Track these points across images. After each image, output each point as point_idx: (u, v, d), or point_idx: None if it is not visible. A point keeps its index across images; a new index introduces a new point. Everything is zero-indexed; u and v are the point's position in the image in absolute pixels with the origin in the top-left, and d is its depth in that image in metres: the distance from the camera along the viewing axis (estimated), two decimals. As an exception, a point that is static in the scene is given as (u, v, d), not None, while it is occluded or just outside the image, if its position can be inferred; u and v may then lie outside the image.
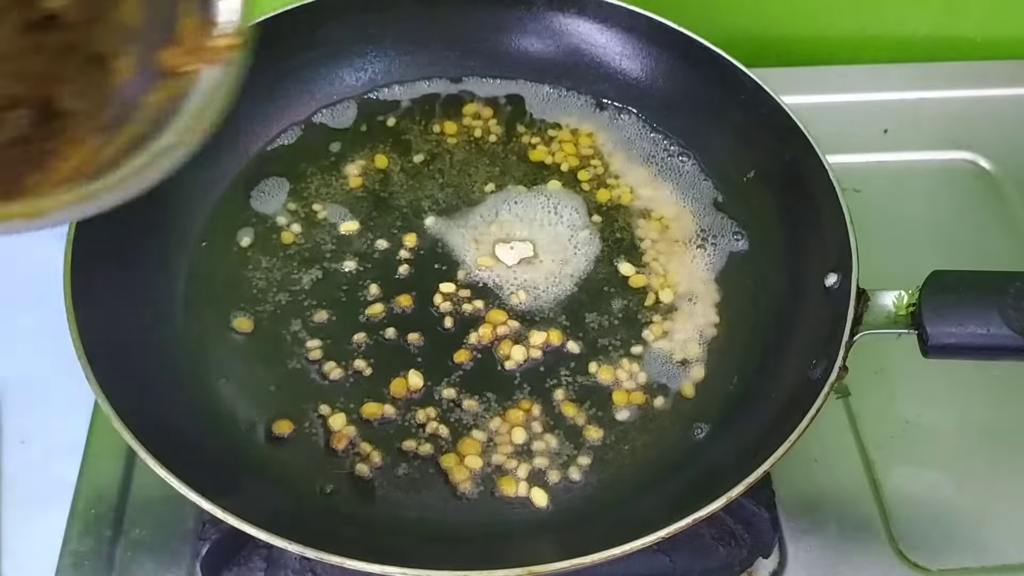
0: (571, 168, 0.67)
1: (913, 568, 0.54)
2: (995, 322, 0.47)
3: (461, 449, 0.52)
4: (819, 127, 0.60)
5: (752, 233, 0.62)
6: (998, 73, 0.82)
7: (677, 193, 0.65)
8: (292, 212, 0.62)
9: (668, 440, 0.54)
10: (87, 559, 0.52)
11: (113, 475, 0.55)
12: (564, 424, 0.54)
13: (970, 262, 0.50)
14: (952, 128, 0.77)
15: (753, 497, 0.51)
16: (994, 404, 0.61)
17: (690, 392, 0.56)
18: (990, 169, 0.75)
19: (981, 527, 0.56)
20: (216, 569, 0.51)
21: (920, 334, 0.49)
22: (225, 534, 0.49)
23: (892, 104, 0.79)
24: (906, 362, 0.59)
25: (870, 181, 0.72)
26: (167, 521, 0.53)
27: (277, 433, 0.52)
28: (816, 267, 0.55)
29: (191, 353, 0.55)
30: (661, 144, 0.68)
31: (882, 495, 0.57)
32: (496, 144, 0.68)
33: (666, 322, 0.58)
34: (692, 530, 0.44)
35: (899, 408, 0.61)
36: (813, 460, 0.58)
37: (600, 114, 0.69)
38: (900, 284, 0.50)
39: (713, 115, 0.65)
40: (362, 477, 0.51)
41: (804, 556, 0.54)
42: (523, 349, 0.56)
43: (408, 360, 0.56)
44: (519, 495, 0.51)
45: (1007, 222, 0.72)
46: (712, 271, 0.61)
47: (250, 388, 0.54)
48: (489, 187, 0.65)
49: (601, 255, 0.62)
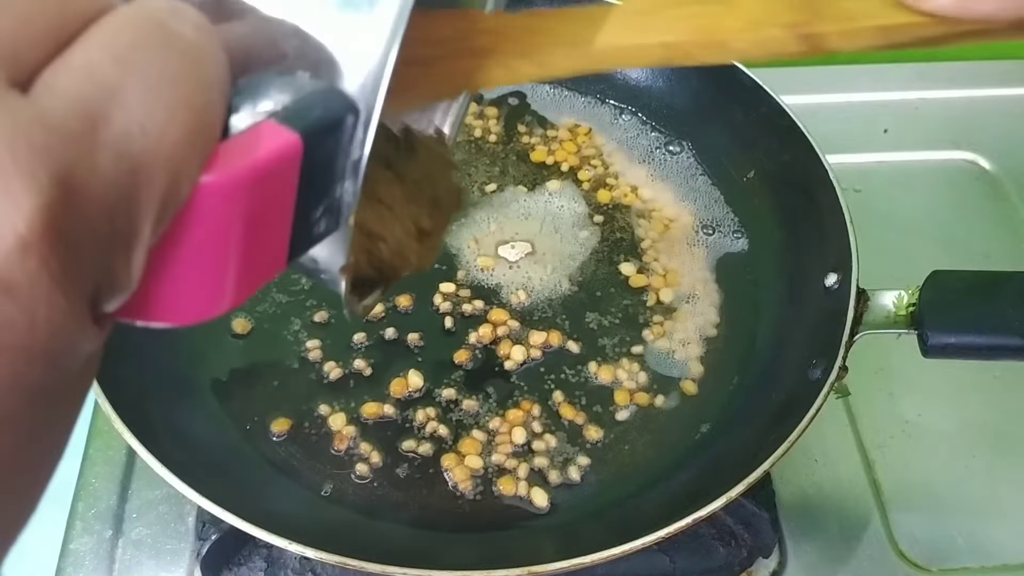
0: (571, 168, 0.67)
1: (913, 568, 0.54)
2: (995, 322, 0.47)
3: (461, 449, 0.52)
4: (819, 127, 0.60)
5: (752, 233, 0.63)
6: (998, 73, 0.82)
7: (677, 193, 0.65)
8: (292, 212, 0.62)
9: (668, 440, 0.54)
10: (87, 559, 0.52)
11: (113, 475, 0.55)
12: (564, 424, 0.54)
13: (970, 262, 0.50)
14: (952, 128, 0.77)
15: (753, 497, 0.50)
16: (994, 404, 0.61)
17: (690, 392, 0.56)
18: (990, 169, 0.75)
19: (981, 527, 0.56)
20: (216, 569, 0.51)
21: (920, 334, 0.48)
22: (225, 534, 0.49)
23: (892, 104, 0.79)
24: (906, 362, 0.59)
25: (870, 181, 0.72)
26: (167, 521, 0.53)
27: (277, 433, 0.53)
28: (816, 267, 0.55)
29: (191, 353, 0.55)
30: (661, 144, 0.68)
31: (882, 495, 0.57)
32: (496, 144, 0.68)
33: (666, 322, 0.58)
34: (692, 530, 0.44)
35: (899, 408, 0.61)
36: (813, 460, 0.57)
37: (600, 114, 0.69)
38: (900, 284, 0.50)
39: (713, 115, 0.65)
40: (362, 477, 0.51)
41: (804, 556, 0.54)
42: (523, 349, 0.56)
43: (408, 360, 0.56)
44: (519, 495, 0.51)
45: (1007, 222, 0.72)
46: (712, 271, 0.61)
47: (250, 388, 0.54)
48: (490, 187, 0.65)
49: (601, 255, 0.62)
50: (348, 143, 0.25)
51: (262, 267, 0.24)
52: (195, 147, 0.19)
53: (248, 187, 0.21)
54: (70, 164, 0.17)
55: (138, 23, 0.19)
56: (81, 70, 0.18)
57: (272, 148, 0.22)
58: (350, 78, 0.25)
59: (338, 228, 0.26)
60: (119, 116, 0.18)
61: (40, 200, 0.16)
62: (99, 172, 0.17)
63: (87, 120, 0.17)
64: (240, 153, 0.21)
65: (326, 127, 0.24)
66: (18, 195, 0.16)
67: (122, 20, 0.19)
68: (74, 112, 0.17)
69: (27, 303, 0.16)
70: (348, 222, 0.26)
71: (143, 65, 0.18)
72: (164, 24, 0.19)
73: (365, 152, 0.25)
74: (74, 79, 0.17)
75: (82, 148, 0.17)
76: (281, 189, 0.23)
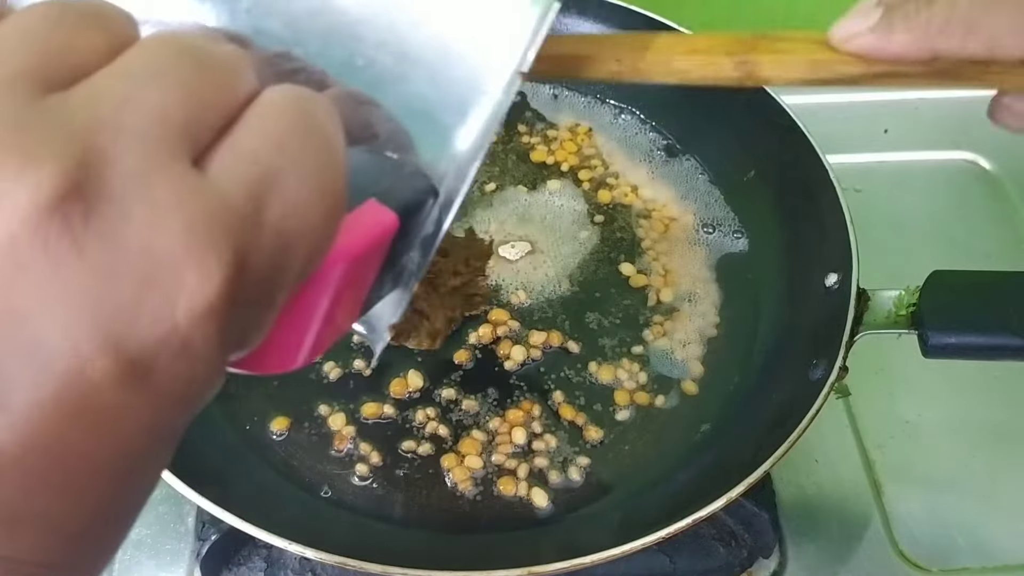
0: (571, 168, 0.67)
1: (914, 568, 0.54)
2: (995, 322, 0.47)
3: (461, 449, 0.52)
4: (819, 127, 0.60)
5: (752, 233, 0.62)
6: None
7: (677, 193, 0.65)
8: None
9: (668, 440, 0.54)
10: (87, 559, 0.52)
11: (113, 475, 0.55)
12: (564, 424, 0.54)
13: (970, 262, 0.50)
14: (952, 128, 0.77)
15: (753, 497, 0.50)
16: (994, 404, 0.61)
17: (690, 392, 0.56)
18: (990, 169, 0.75)
19: (981, 527, 0.56)
20: (216, 569, 0.51)
21: (920, 334, 0.48)
22: (225, 534, 0.49)
23: (892, 104, 0.79)
24: (906, 362, 0.59)
25: (870, 181, 0.72)
26: (166, 521, 0.53)
27: (277, 432, 0.52)
28: (816, 267, 0.55)
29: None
30: (661, 144, 0.68)
31: (882, 495, 0.57)
32: (496, 144, 0.68)
33: (666, 322, 0.58)
34: (692, 530, 0.44)
35: (899, 408, 0.60)
36: (813, 460, 0.57)
37: (600, 114, 0.69)
38: (900, 284, 0.50)
39: (713, 115, 0.65)
40: (362, 477, 0.51)
41: (804, 556, 0.54)
42: (523, 349, 0.56)
43: (408, 360, 0.56)
44: (519, 495, 0.51)
45: (1007, 222, 0.72)
46: (712, 271, 0.61)
47: (250, 389, 0.54)
48: (489, 187, 0.65)
49: (601, 255, 0.62)
50: (426, 219, 0.28)
51: (343, 324, 0.26)
52: (331, 225, 0.21)
53: (358, 259, 0.24)
54: (244, 242, 0.19)
55: (290, 110, 0.21)
56: (250, 155, 0.19)
57: (377, 225, 0.25)
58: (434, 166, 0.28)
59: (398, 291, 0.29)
60: (279, 199, 0.20)
61: (226, 273, 0.18)
62: (262, 249, 0.19)
63: (255, 201, 0.19)
64: (352, 230, 0.23)
65: (414, 207, 0.27)
66: (211, 268, 0.18)
67: (279, 107, 0.21)
68: (246, 193, 0.19)
69: (195, 362, 0.19)
70: (411, 288, 0.29)
71: (297, 153, 0.20)
72: (310, 113, 0.21)
73: (442, 230, 0.28)
74: (244, 163, 0.19)
75: (251, 227, 0.19)
76: (376, 260, 0.26)
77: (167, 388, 0.18)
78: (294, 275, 0.21)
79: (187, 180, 0.18)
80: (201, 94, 0.19)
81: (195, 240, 0.18)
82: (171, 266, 0.18)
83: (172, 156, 0.18)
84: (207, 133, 0.19)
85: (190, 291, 0.18)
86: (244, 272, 0.19)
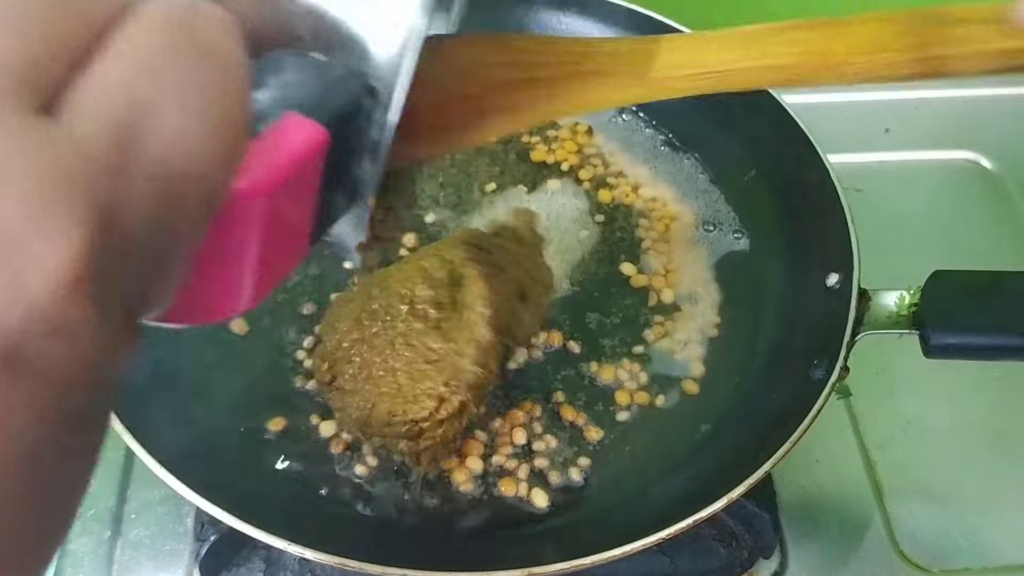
0: (572, 167, 0.66)
1: (914, 569, 0.54)
2: (997, 322, 0.47)
3: (461, 449, 0.52)
4: (820, 126, 0.59)
5: (753, 233, 0.62)
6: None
7: (678, 193, 0.65)
8: (292, 212, 0.62)
9: (669, 440, 0.53)
10: (86, 560, 0.52)
11: (111, 476, 0.55)
12: (565, 424, 0.54)
13: (971, 262, 0.50)
14: (953, 127, 0.77)
15: (754, 498, 0.50)
16: (995, 404, 0.61)
17: (691, 392, 0.55)
18: (991, 168, 0.75)
19: (982, 527, 0.56)
20: (215, 569, 0.51)
21: (921, 334, 0.48)
22: (224, 534, 0.49)
23: (893, 103, 0.78)
24: (907, 362, 0.59)
25: (871, 180, 0.72)
26: (166, 522, 0.53)
27: (275, 433, 0.52)
28: (817, 267, 0.55)
29: (189, 354, 0.55)
30: (661, 143, 0.68)
31: (883, 495, 0.57)
32: (496, 144, 0.68)
33: (667, 322, 0.58)
34: (693, 531, 0.44)
35: (900, 408, 0.60)
36: (814, 460, 0.57)
37: (601, 113, 0.69)
38: (901, 284, 0.50)
39: (714, 114, 0.65)
40: (361, 477, 0.51)
41: (805, 557, 0.54)
42: (524, 349, 0.56)
43: (408, 360, 0.55)
44: (520, 496, 0.51)
45: (1008, 221, 0.72)
46: (713, 271, 0.61)
47: (249, 389, 0.54)
48: (490, 187, 0.65)
49: (602, 255, 0.62)
50: (367, 124, 0.25)
51: (287, 258, 0.24)
52: (230, 159, 0.18)
53: (280, 187, 0.21)
54: (108, 193, 0.16)
55: (165, 28, 0.17)
56: (111, 87, 0.17)
57: (300, 144, 0.21)
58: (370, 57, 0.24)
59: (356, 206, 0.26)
60: (155, 137, 0.17)
61: (83, 237, 0.15)
62: (136, 197, 0.17)
63: (122, 143, 0.16)
64: (268, 153, 0.21)
65: (347, 114, 0.24)
66: (61, 234, 0.15)
67: (147, 25, 0.17)
68: (108, 136, 0.16)
69: (74, 339, 0.16)
70: (367, 201, 0.26)
71: (175, 78, 0.17)
72: (191, 28, 0.18)
73: (387, 136, 0.25)
74: (105, 98, 0.16)
75: (118, 174, 0.16)
76: (307, 181, 0.23)
77: (51, 373, 0.16)
78: (190, 221, 0.18)
79: (31, 133, 0.15)
80: (45, 27, 0.16)
81: (40, 203, 0.15)
82: (13, 238, 0.15)
83: (11, 108, 0.15)
84: (59, 70, 0.16)
85: (40, 263, 0.15)
86: (113, 229, 0.16)
